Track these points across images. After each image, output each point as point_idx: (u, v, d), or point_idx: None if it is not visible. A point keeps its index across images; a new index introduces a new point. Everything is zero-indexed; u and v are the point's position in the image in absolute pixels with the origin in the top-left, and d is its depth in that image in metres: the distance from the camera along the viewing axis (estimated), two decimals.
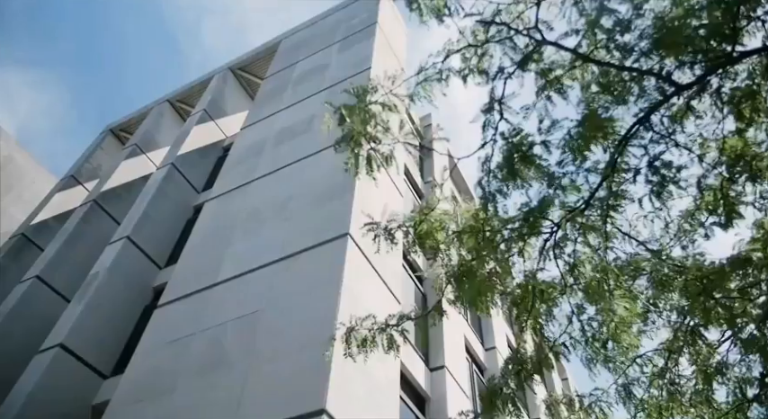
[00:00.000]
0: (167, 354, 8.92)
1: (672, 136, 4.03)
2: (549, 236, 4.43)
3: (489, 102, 4.40)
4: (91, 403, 10.76)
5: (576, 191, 4.29)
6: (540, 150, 4.25)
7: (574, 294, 4.57)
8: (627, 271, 4.59)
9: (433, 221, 4.95)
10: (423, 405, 10.45)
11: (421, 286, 12.91)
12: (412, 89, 4.78)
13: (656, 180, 4.15)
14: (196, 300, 9.80)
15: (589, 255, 4.53)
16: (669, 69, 3.80)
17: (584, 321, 4.60)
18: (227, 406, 7.38)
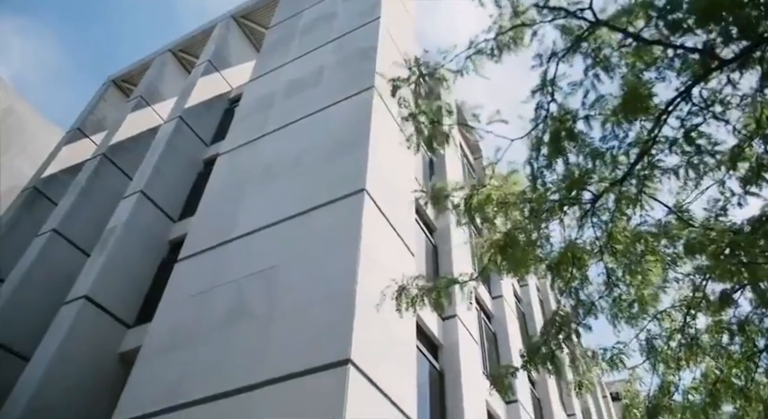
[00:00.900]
0: (191, 307, 9.25)
1: (710, 108, 4.10)
2: (588, 206, 4.59)
3: (541, 83, 4.46)
4: (117, 351, 11.24)
5: (615, 163, 4.42)
6: (582, 125, 4.36)
7: (608, 260, 4.78)
8: (659, 237, 4.78)
9: (483, 196, 5.11)
10: (436, 353, 10.91)
11: (432, 238, 13.17)
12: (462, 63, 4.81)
13: (692, 151, 4.26)
14: (214, 255, 10.05)
15: (624, 224, 4.71)
16: (713, 43, 3.84)
17: (613, 282, 4.83)
18: (253, 356, 7.73)
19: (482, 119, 4.83)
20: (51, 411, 9.70)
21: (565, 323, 5.00)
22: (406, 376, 8.32)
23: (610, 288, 4.84)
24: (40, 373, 9.81)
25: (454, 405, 10.16)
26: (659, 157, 4.39)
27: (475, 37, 4.68)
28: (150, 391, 8.26)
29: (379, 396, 7.27)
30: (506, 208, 5.11)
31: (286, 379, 7.16)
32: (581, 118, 4.34)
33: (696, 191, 4.58)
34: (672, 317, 5.12)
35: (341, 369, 6.82)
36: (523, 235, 4.99)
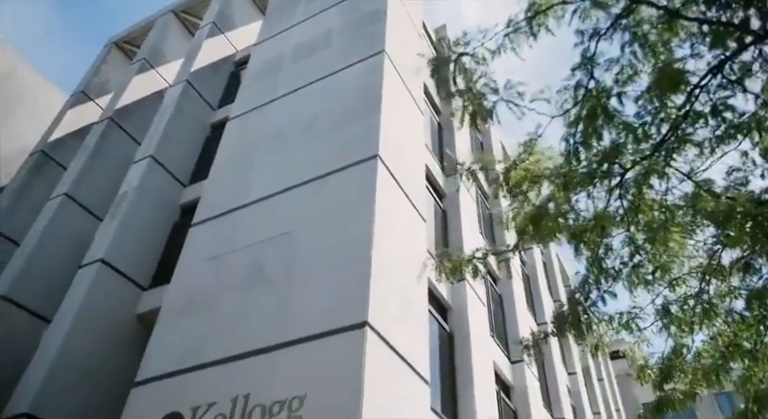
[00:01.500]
0: (207, 271, 9.46)
1: (740, 82, 4.16)
2: (618, 178, 4.71)
3: (581, 61, 4.49)
4: (134, 312, 11.54)
5: (646, 138, 4.50)
6: (616, 102, 4.42)
7: (633, 230, 4.94)
8: (683, 209, 4.92)
9: (522, 172, 5.23)
10: (445, 315, 11.21)
11: (441, 203, 13.30)
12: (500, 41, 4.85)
13: (719, 124, 4.34)
14: (229, 220, 10.20)
15: (650, 195, 4.84)
16: (748, 17, 3.86)
17: (635, 251, 5.01)
18: (272, 319, 7.98)
19: (501, 92, 4.90)
20: (76, 369, 10.05)
21: (590, 291, 5.19)
22: (418, 337, 8.59)
23: (632, 256, 5.01)
24: (63, 332, 10.11)
25: (463, 364, 10.50)
26: (688, 131, 4.47)
27: (514, 15, 4.70)
28: (172, 352, 8.55)
29: (394, 357, 7.54)
30: (540, 181, 5.24)
31: (305, 341, 7.41)
32: (615, 94, 4.41)
33: (718, 161, 4.69)
34: (687, 284, 5.31)
35: (359, 332, 7.06)
36: (554, 206, 5.13)
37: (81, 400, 9.92)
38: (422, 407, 7.96)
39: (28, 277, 12.63)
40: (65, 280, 13.35)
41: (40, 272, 12.95)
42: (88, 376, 10.22)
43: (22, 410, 9.12)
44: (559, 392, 16.34)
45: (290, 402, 6.82)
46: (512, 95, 4.91)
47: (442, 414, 9.22)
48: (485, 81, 4.87)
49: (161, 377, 8.28)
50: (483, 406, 10.21)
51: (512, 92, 4.91)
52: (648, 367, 5.84)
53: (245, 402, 7.18)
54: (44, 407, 9.31)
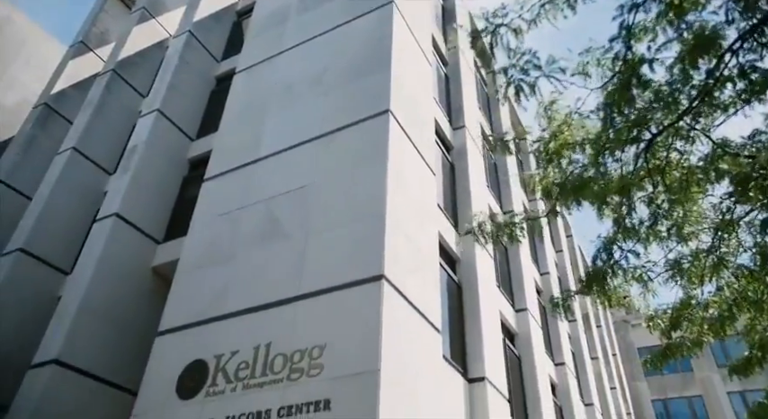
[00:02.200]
0: (223, 225, 9.65)
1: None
2: (646, 143, 4.82)
3: (618, 33, 4.50)
4: (150, 265, 11.84)
5: (677, 104, 4.57)
6: (648, 70, 4.48)
7: (658, 191, 5.10)
8: (706, 170, 5.06)
9: (560, 141, 5.34)
10: (454, 266, 11.49)
11: (449, 156, 13.37)
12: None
13: (746, 86, 4.40)
14: (241, 175, 10.31)
15: (676, 158, 4.97)
16: None
17: (655, 210, 5.19)
18: (289, 273, 8.22)
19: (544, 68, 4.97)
20: (99, 318, 10.45)
21: (614, 250, 5.40)
22: (430, 289, 8.88)
23: (652, 216, 5.20)
24: (85, 283, 10.43)
25: (471, 313, 10.87)
26: (715, 95, 4.55)
27: None
28: (192, 303, 8.85)
29: (408, 308, 7.83)
30: (574, 148, 5.36)
31: (323, 293, 7.69)
32: (647, 61, 4.45)
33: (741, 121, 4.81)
34: (700, 239, 5.53)
35: (375, 285, 7.31)
36: (585, 171, 5.28)
37: (106, 348, 10.35)
38: (434, 355, 8.33)
39: (43, 230, 12.85)
40: (78, 233, 13.63)
41: (53, 226, 13.16)
42: (111, 325, 10.62)
43: (52, 357, 9.53)
44: (560, 339, 16.92)
45: (311, 351, 7.15)
46: (554, 70, 4.95)
47: (452, 361, 9.64)
48: (528, 57, 4.90)
49: (183, 327, 8.61)
50: (490, 353, 10.64)
51: (554, 67, 4.95)
52: (658, 317, 6.14)
53: (266, 350, 7.52)
54: (72, 354, 9.73)
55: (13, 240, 12.68)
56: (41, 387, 9.25)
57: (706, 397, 32.06)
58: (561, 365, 16.30)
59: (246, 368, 7.50)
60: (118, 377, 10.41)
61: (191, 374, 7.95)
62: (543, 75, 4.95)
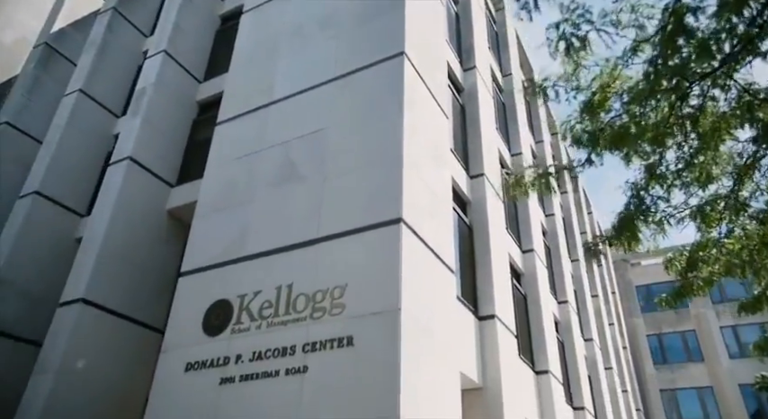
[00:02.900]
0: (239, 169, 9.75)
1: None
2: (683, 91, 4.87)
3: None
4: (165, 208, 12.04)
5: (719, 52, 4.59)
6: (691, 18, 4.44)
7: (687, 138, 5.20)
8: (739, 117, 5.13)
9: (603, 95, 5.37)
10: (465, 209, 11.69)
11: (459, 98, 13.28)
12: None
13: None
14: (255, 118, 10.29)
15: (710, 106, 5.03)
16: None
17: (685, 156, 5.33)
18: (308, 216, 8.40)
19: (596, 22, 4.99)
20: (121, 258, 10.75)
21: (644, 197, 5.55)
22: (445, 232, 9.10)
23: (685, 161, 5.34)
24: (105, 224, 10.66)
25: (482, 256, 11.17)
26: (756, 43, 4.54)
27: None
28: (213, 245, 9.09)
29: (425, 250, 8.07)
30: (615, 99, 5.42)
31: (342, 236, 7.89)
32: (692, 9, 4.42)
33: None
34: (721, 183, 5.70)
35: (394, 228, 7.51)
36: (619, 120, 5.35)
37: (128, 288, 10.70)
38: (449, 295, 8.65)
39: (56, 173, 12.95)
40: (91, 176, 13.76)
41: (66, 169, 13.26)
42: (131, 265, 10.93)
43: (79, 296, 9.89)
44: (564, 278, 17.39)
45: (332, 291, 7.44)
46: (606, 24, 4.91)
47: (464, 300, 10.01)
48: (581, 11, 4.85)
49: (205, 268, 8.89)
50: (500, 293, 11.02)
51: (606, 20, 4.90)
52: (676, 259, 6.42)
53: (288, 291, 7.82)
54: (97, 293, 10.09)
55: (28, 183, 12.82)
56: (71, 324, 9.66)
57: (699, 332, 33.23)
58: (564, 303, 16.85)
59: (270, 307, 7.82)
60: (141, 315, 10.83)
61: (215, 312, 8.29)
62: (594, 28, 4.92)
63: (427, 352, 7.26)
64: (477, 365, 9.89)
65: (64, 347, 9.42)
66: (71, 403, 9.19)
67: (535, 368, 12.82)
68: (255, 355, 7.51)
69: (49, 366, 9.28)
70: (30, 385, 9.31)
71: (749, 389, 30.16)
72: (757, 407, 30.21)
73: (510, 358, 10.67)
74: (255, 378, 7.34)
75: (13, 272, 11.53)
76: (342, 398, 6.58)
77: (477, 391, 9.74)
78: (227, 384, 7.50)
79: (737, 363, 31.36)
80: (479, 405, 9.63)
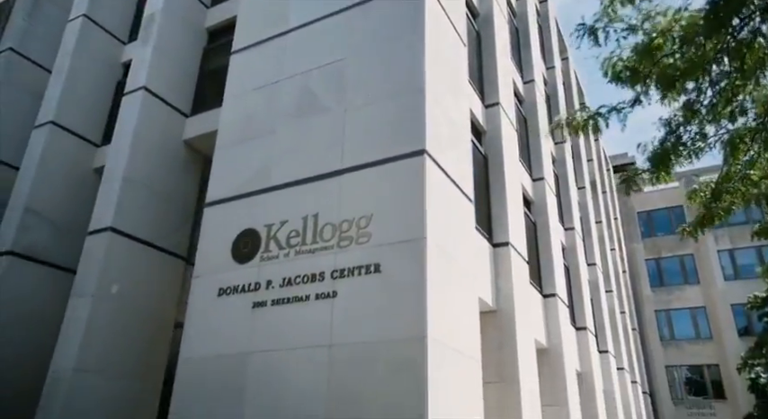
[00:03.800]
0: (258, 100, 9.73)
1: None
2: (735, 27, 4.87)
3: None
4: (181, 138, 12.12)
5: None
6: None
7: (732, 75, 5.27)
8: None
9: (660, 40, 5.34)
10: (480, 138, 11.78)
11: (475, 24, 12.98)
12: None
13: None
14: (272, 47, 10.13)
15: (759, 42, 5.06)
16: None
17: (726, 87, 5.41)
18: (330, 147, 8.50)
19: None
20: (144, 188, 11.00)
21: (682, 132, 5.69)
22: (464, 162, 9.25)
23: (726, 95, 5.44)
24: (125, 155, 10.81)
25: (496, 184, 11.39)
26: None
27: None
28: (236, 176, 9.26)
29: (447, 181, 8.26)
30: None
31: (366, 167, 8.05)
32: None
33: None
34: (751, 116, 5.82)
35: (418, 159, 7.64)
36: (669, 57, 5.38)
37: (153, 217, 11.01)
38: (469, 224, 8.94)
39: (69, 103, 12.91)
40: (104, 105, 13.72)
41: (79, 98, 13.19)
42: (155, 195, 11.18)
43: (107, 224, 10.21)
44: (571, 206, 17.72)
45: (358, 221, 7.71)
46: None
47: (479, 227, 10.33)
48: None
49: (230, 199, 9.11)
50: (513, 221, 11.34)
51: None
52: (701, 190, 6.67)
53: (315, 220, 8.09)
54: (123, 222, 10.40)
55: (42, 113, 12.80)
56: (102, 252, 10.04)
57: (697, 256, 34.17)
58: (571, 229, 17.27)
59: (297, 236, 8.12)
60: (165, 243, 11.21)
61: (243, 241, 8.61)
62: None
63: (450, 278, 7.63)
64: (491, 289, 10.37)
65: (97, 273, 9.85)
66: (110, 324, 9.75)
67: (543, 291, 13.40)
68: (285, 281, 7.90)
69: (86, 290, 9.75)
70: (69, 307, 9.82)
71: (740, 308, 31.48)
72: (746, 325, 31.65)
73: (522, 283, 11.16)
74: (287, 302, 7.76)
75: (38, 202, 11.80)
76: (371, 321, 7.01)
77: (491, 314, 10.29)
78: (260, 308, 7.95)
79: (731, 285, 32.50)
80: (493, 326, 10.20)
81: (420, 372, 6.39)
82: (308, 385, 7.06)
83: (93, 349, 9.47)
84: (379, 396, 6.53)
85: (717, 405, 31.21)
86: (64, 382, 9.09)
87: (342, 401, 6.75)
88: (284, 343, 7.52)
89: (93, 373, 9.37)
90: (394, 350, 6.68)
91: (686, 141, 6.05)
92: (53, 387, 9.17)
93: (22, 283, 11.19)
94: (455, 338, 7.36)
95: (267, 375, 7.44)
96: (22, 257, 11.35)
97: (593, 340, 16.67)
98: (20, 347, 10.81)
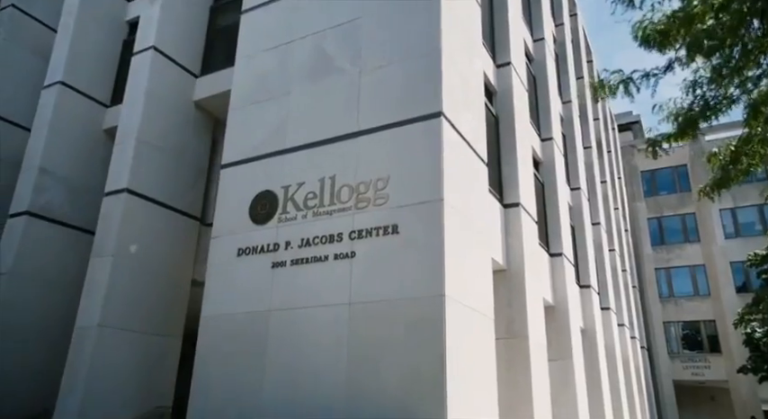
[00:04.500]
0: (271, 60, 9.68)
1: None
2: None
3: None
4: (192, 99, 12.10)
5: None
6: None
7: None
8: None
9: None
10: (491, 98, 11.76)
11: None
12: None
13: None
14: (283, 7, 9.98)
15: None
16: None
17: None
18: (346, 109, 8.53)
19: None
20: (157, 149, 11.08)
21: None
22: (477, 124, 9.29)
23: (755, 57, 5.49)
24: (138, 114, 10.86)
25: (507, 145, 11.45)
26: None
27: None
28: (251, 138, 9.32)
29: (462, 144, 8.34)
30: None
31: (382, 130, 8.11)
32: None
33: None
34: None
35: (435, 122, 7.70)
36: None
37: (167, 178, 11.12)
38: (482, 186, 9.06)
39: (76, 63, 12.81)
40: (110, 65, 13.62)
41: (86, 58, 13.09)
42: (168, 156, 11.27)
43: (123, 186, 10.34)
44: (578, 166, 17.79)
45: (375, 182, 7.83)
46: None
47: (491, 188, 10.45)
48: None
49: (246, 160, 9.20)
50: (523, 181, 11.45)
51: None
52: (720, 153, 6.80)
53: (332, 182, 8.21)
54: (139, 183, 10.53)
55: (51, 73, 12.73)
56: (119, 214, 10.20)
57: (699, 214, 34.42)
58: (577, 189, 17.40)
59: (314, 198, 8.26)
60: (179, 203, 11.36)
61: (261, 202, 8.76)
62: None
63: (465, 239, 7.81)
64: (502, 249, 10.59)
65: (116, 233, 10.05)
66: (130, 283, 10.02)
67: (550, 250, 13.64)
68: (304, 242, 8.08)
69: (106, 250, 9.97)
70: (90, 266, 10.06)
71: (739, 266, 31.99)
72: (743, 281, 32.22)
73: (531, 242, 11.37)
74: (306, 262, 7.98)
75: (52, 162, 11.89)
76: (390, 280, 7.23)
77: (501, 272, 10.54)
78: (279, 267, 8.16)
79: (731, 243, 32.89)
80: (503, 285, 10.47)
81: (439, 329, 6.64)
82: (328, 341, 7.34)
83: (116, 306, 9.77)
84: (399, 352, 6.81)
85: (711, 359, 32.11)
86: (89, 338, 9.42)
87: (362, 356, 7.04)
88: (304, 301, 7.76)
89: (116, 329, 9.69)
90: (413, 308, 6.92)
91: (713, 104, 6.12)
92: (79, 342, 9.50)
93: (40, 243, 11.40)
94: (470, 296, 7.61)
95: (288, 332, 7.72)
96: (39, 217, 11.53)
97: (596, 298, 17.06)
98: (42, 304, 11.13)
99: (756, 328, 25.54)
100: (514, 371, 10.01)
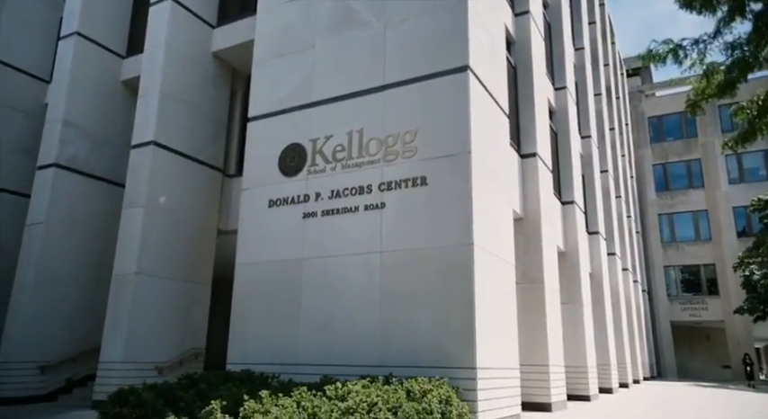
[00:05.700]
0: (293, 12, 9.69)
1: None
2: None
3: None
4: (210, 50, 12.13)
5: None
6: None
7: None
8: None
9: None
10: (510, 48, 11.77)
11: None
12: None
13: None
14: None
15: None
16: None
17: None
18: (372, 63, 8.61)
19: None
20: (179, 101, 11.26)
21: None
22: (500, 76, 9.42)
23: None
24: (159, 66, 11.02)
25: (525, 96, 11.57)
26: None
27: None
28: (277, 91, 9.45)
29: (487, 97, 8.50)
30: None
31: (409, 83, 8.26)
32: None
33: None
34: None
35: (462, 75, 7.85)
36: None
37: (189, 130, 11.35)
38: (504, 138, 9.29)
39: (90, 13, 12.77)
40: (123, 15, 13.55)
41: (99, 7, 13.02)
42: (190, 108, 11.44)
43: (150, 139, 10.59)
44: (588, 113, 17.87)
45: (403, 135, 8.07)
46: None
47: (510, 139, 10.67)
48: None
49: (273, 113, 9.39)
50: (540, 132, 11.65)
51: None
52: (748, 107, 7.01)
53: (360, 135, 8.45)
54: (164, 136, 10.77)
55: (66, 24, 12.71)
56: (147, 166, 10.49)
57: (704, 161, 34.60)
58: (587, 137, 17.56)
59: (343, 150, 8.52)
60: (202, 155, 11.62)
61: (290, 155, 9.02)
62: None
63: (490, 190, 8.13)
64: (519, 198, 10.93)
65: (146, 185, 10.37)
66: (161, 232, 10.43)
67: (562, 199, 13.99)
68: (334, 193, 8.41)
69: (138, 201, 10.33)
70: (123, 217, 10.45)
71: (741, 211, 32.46)
72: (744, 226, 32.79)
73: (547, 192, 11.70)
74: (336, 212, 8.33)
75: (75, 114, 12.08)
76: (419, 229, 7.60)
77: (519, 221, 10.92)
78: (310, 218, 8.53)
79: (735, 188, 33.23)
80: (521, 233, 10.87)
81: (468, 275, 7.07)
82: (361, 288, 7.79)
83: (150, 255, 10.22)
84: (430, 296, 7.26)
85: (709, 301, 33.13)
86: (128, 285, 9.92)
87: (394, 300, 7.50)
88: (336, 249, 8.16)
89: (151, 277, 10.18)
90: (442, 255, 7.32)
91: (753, 64, 6.30)
92: (118, 288, 10.01)
93: (69, 194, 11.75)
94: (494, 244, 8.01)
95: (321, 278, 8.16)
96: (66, 169, 11.82)
97: (603, 244, 17.54)
98: (75, 252, 11.60)
99: (755, 271, 26.29)
100: (530, 314, 10.57)
